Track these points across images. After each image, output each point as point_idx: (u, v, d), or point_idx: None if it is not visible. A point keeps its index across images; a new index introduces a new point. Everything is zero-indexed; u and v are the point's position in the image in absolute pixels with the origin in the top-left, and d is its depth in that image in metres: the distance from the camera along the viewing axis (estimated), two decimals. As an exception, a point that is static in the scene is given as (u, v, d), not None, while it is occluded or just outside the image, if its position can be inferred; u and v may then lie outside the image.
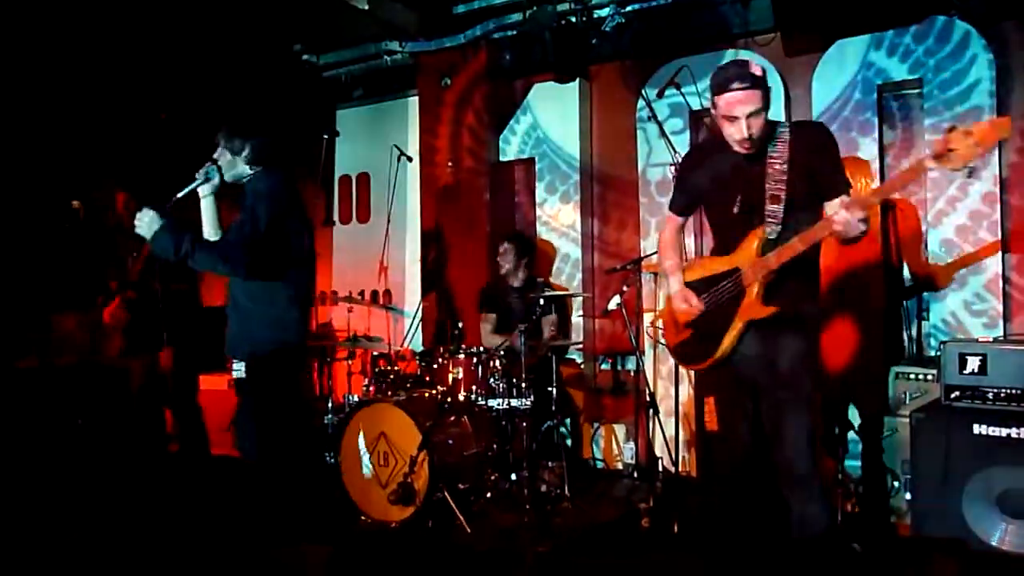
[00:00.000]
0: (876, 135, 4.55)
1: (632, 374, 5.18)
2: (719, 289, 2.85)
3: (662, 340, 3.14)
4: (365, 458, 4.15)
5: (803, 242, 2.61)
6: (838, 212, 2.49)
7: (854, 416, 4.13)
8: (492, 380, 4.36)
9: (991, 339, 3.53)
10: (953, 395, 3.33)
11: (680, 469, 4.42)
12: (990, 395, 3.25)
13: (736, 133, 2.66)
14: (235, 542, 3.66)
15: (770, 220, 2.71)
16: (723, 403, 2.96)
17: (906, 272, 4.22)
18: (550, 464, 4.43)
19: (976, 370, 3.28)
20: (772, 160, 2.72)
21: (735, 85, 2.61)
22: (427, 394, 4.39)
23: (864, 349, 3.94)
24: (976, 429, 3.21)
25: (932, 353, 4.25)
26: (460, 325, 4.74)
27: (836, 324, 4.18)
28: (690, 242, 4.93)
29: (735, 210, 2.78)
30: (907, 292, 4.27)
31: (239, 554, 3.47)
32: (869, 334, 4.17)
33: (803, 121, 2.89)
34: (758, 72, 2.64)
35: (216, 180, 3.28)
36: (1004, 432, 3.16)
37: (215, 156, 3.28)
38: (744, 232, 2.78)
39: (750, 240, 2.75)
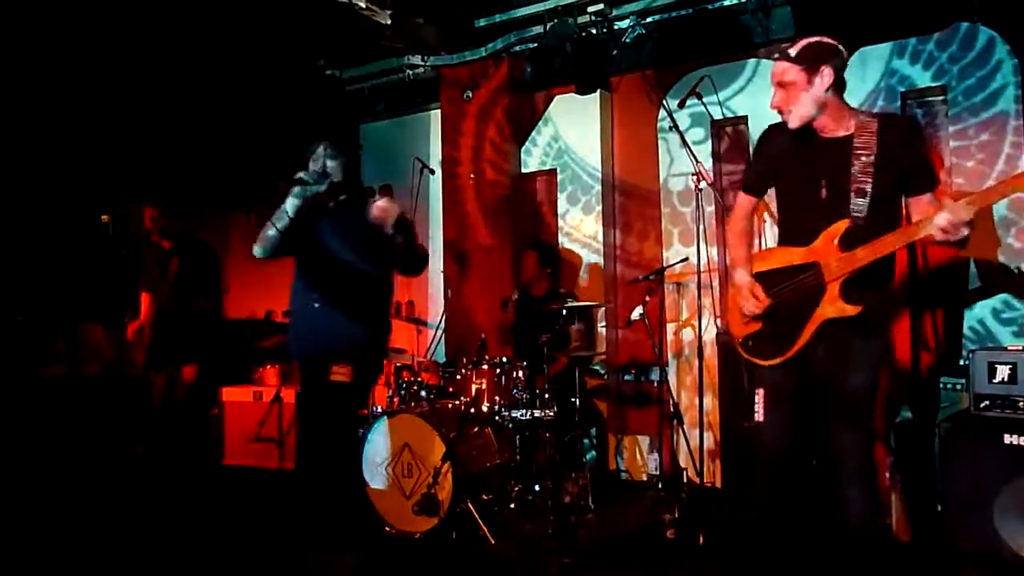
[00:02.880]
0: (900, 143, 4.51)
1: (656, 384, 5.16)
2: (795, 283, 2.71)
3: (719, 325, 3.01)
4: (381, 470, 4.17)
5: (891, 242, 2.51)
6: (940, 214, 2.36)
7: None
8: (515, 391, 4.36)
9: (1021, 347, 3.47)
10: (983, 404, 3.29)
11: (705, 480, 4.39)
12: (1021, 404, 3.20)
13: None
14: (261, 551, 3.70)
15: (855, 215, 2.58)
16: (773, 398, 2.83)
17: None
18: (574, 475, 4.42)
19: (1006, 379, 3.25)
20: (858, 151, 2.60)
21: (776, 56, 2.73)
22: (450, 405, 4.40)
23: (919, 354, 3.90)
24: (1007, 439, 3.18)
25: (961, 362, 4.19)
26: (483, 336, 4.75)
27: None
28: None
29: (823, 195, 2.65)
30: (979, 294, 4.22)
31: (265, 563, 3.49)
32: (923, 339, 4.13)
33: (892, 113, 2.76)
34: (793, 51, 2.67)
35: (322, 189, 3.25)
36: (1035, 442, 3.12)
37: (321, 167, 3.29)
38: (823, 223, 2.65)
39: (831, 234, 2.62)
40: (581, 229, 5.61)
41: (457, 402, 4.41)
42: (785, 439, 2.82)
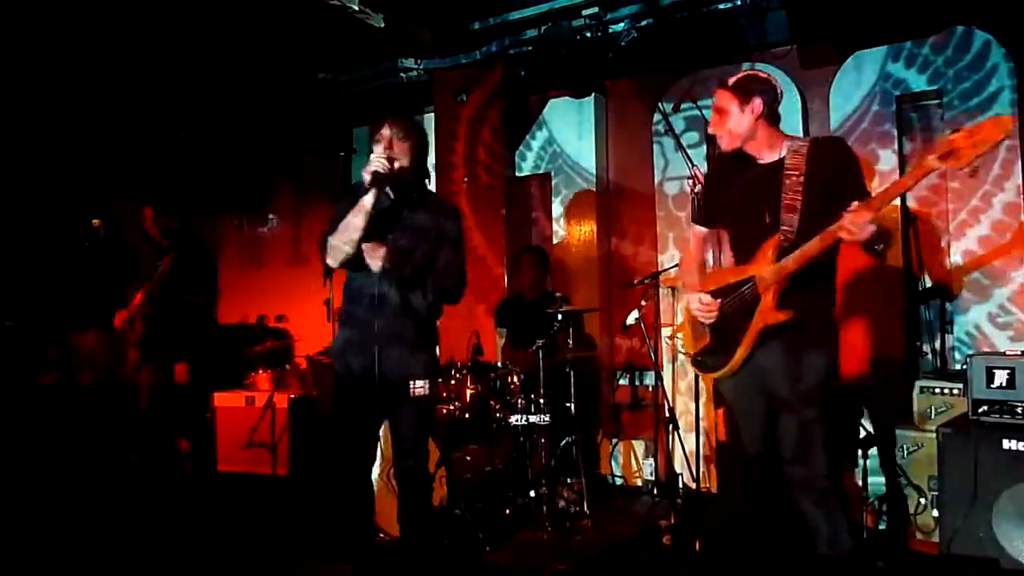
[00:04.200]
0: (896, 147, 4.50)
1: (650, 389, 5.13)
2: (734, 297, 2.85)
3: (681, 349, 3.12)
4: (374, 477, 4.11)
5: (812, 247, 2.63)
6: (844, 216, 2.50)
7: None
8: (510, 396, 4.33)
9: (1019, 352, 3.46)
10: (981, 409, 3.27)
11: (701, 485, 4.36)
12: (1019, 409, 3.19)
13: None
14: (254, 559, 3.65)
15: (785, 229, 2.74)
16: (732, 414, 2.94)
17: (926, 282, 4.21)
18: (569, 481, 4.39)
19: (1004, 384, 3.23)
20: (788, 172, 2.78)
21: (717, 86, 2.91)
22: (445, 410, 4.36)
23: (881, 361, 3.89)
24: (1005, 444, 3.17)
25: (956, 367, 4.19)
26: (477, 341, 4.71)
27: (853, 334, 4.15)
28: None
29: (767, 218, 2.79)
30: (923, 298, 4.25)
31: (259, 571, 3.45)
32: (887, 346, 4.13)
33: (822, 137, 2.91)
34: (731, 80, 2.89)
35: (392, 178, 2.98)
36: (1034, 447, 3.10)
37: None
38: (762, 243, 2.80)
39: (765, 248, 2.77)
40: (576, 233, 5.59)
41: (452, 407, 4.37)
42: (753, 452, 2.89)
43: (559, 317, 4.44)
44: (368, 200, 2.90)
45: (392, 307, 3.02)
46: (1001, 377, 3.23)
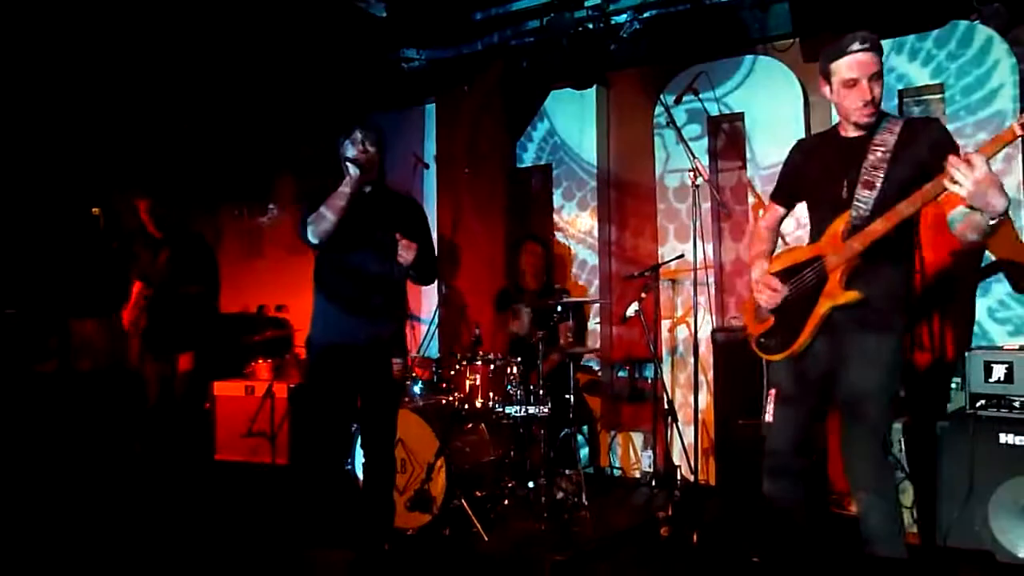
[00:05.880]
0: (897, 141, 4.49)
1: (650, 381, 5.15)
2: (802, 278, 2.74)
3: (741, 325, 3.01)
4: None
5: (887, 221, 2.51)
6: (951, 169, 2.28)
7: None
8: (509, 387, 4.34)
9: (1017, 346, 3.47)
10: (979, 404, 3.28)
11: (699, 478, 4.38)
12: (1017, 404, 3.20)
13: (858, 98, 2.58)
14: (256, 548, 3.67)
15: (859, 206, 2.60)
16: (782, 398, 2.81)
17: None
18: (567, 472, 4.40)
19: (1002, 378, 3.24)
20: (875, 147, 2.62)
21: (854, 47, 2.57)
22: (444, 401, 4.38)
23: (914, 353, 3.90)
24: (1002, 438, 3.17)
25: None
26: (477, 332, 4.72)
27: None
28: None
29: (844, 194, 2.65)
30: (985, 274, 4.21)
31: (259, 560, 3.47)
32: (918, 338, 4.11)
33: (918, 117, 2.75)
34: (875, 36, 2.60)
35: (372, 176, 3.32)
36: (1031, 442, 3.11)
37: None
38: (834, 220, 2.68)
39: (835, 226, 2.65)
40: (576, 225, 5.59)
41: (451, 398, 4.38)
42: (789, 438, 2.82)
43: (559, 308, 4.44)
44: (346, 186, 3.16)
45: (379, 288, 3.32)
46: (999, 371, 3.24)
